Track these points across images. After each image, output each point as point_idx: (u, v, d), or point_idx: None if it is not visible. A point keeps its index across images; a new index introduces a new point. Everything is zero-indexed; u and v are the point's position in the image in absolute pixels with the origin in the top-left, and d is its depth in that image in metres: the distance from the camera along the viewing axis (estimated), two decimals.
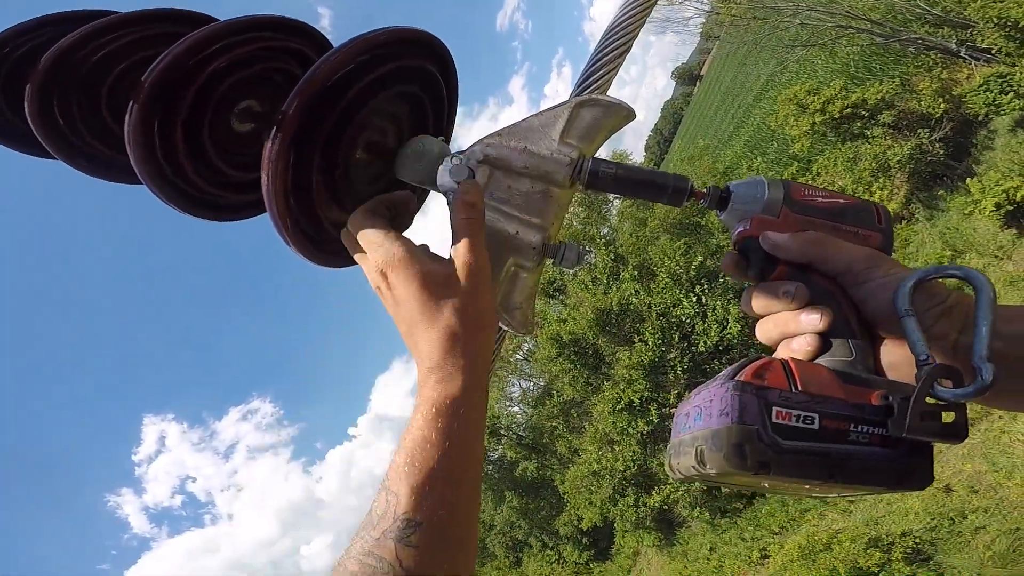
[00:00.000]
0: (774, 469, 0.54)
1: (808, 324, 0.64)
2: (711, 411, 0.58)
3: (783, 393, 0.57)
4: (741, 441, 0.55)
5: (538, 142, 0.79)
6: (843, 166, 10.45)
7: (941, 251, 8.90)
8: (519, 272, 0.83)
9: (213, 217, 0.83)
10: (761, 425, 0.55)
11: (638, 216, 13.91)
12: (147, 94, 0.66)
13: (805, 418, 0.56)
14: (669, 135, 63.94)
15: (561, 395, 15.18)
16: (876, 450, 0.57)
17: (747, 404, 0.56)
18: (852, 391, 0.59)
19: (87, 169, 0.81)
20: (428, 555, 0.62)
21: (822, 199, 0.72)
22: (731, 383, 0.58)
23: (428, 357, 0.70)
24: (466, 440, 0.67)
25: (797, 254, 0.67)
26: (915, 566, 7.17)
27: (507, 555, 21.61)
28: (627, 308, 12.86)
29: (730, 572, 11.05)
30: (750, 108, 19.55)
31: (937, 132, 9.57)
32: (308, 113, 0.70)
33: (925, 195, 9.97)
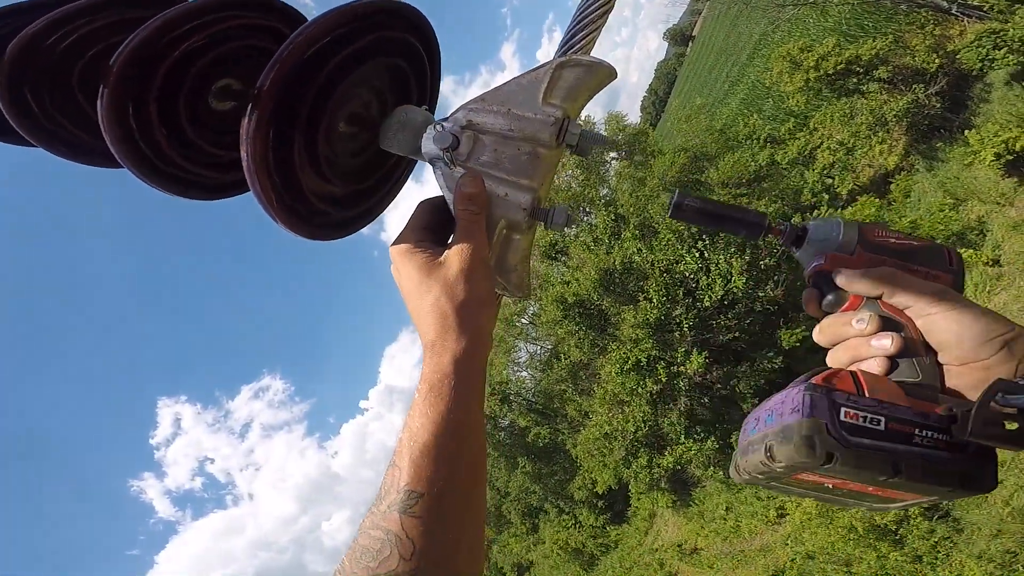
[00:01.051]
0: (841, 460, 0.57)
1: (879, 348, 0.68)
2: (783, 411, 0.62)
3: (851, 396, 0.61)
4: (811, 433, 0.58)
5: (521, 104, 0.79)
6: (840, 121, 10.46)
7: (943, 199, 8.88)
8: (512, 234, 0.83)
9: (203, 196, 0.84)
10: (830, 420, 0.59)
11: (636, 176, 13.82)
12: (116, 77, 0.66)
13: (872, 419, 0.60)
14: (664, 95, 63.39)
15: (568, 357, 15.27)
16: (941, 454, 0.60)
17: (817, 401, 0.60)
18: (918, 402, 0.62)
19: (68, 155, 0.80)
20: (430, 524, 0.64)
21: (895, 241, 0.75)
22: (803, 385, 0.62)
23: (425, 335, 0.75)
24: (460, 412, 0.70)
25: (869, 287, 0.71)
26: (934, 522, 7.23)
27: (523, 521, 21.91)
28: (630, 267, 12.89)
29: (747, 531, 11.17)
30: (744, 66, 19.41)
31: (933, 86, 9.66)
32: (285, 88, 0.69)
33: (924, 147, 10.00)
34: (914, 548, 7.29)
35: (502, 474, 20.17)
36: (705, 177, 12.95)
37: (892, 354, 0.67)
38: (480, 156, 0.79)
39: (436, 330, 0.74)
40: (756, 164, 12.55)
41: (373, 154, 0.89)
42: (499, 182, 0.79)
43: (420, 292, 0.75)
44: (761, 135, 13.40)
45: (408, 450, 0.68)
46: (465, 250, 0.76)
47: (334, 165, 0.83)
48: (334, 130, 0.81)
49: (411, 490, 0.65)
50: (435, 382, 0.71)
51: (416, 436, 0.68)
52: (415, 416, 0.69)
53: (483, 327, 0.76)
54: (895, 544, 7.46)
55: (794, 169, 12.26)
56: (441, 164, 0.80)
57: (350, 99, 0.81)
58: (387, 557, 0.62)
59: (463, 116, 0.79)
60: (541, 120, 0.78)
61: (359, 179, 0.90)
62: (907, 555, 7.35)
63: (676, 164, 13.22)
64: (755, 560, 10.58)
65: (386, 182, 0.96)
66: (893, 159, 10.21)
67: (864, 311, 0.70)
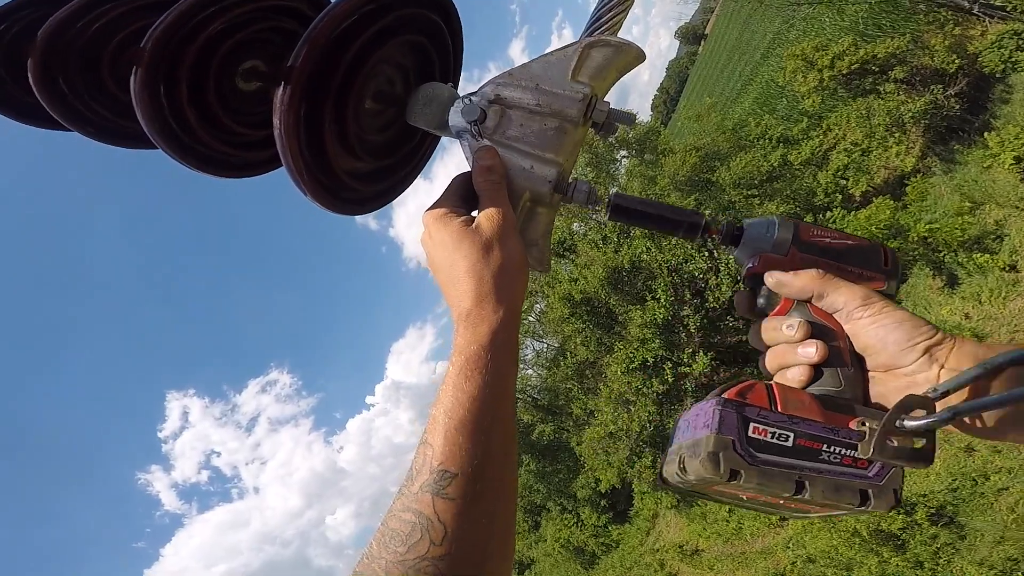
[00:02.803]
0: (744, 478, 0.59)
1: (803, 356, 0.69)
2: (696, 424, 0.63)
3: (762, 411, 0.62)
4: (717, 450, 0.59)
5: (550, 80, 0.79)
6: (856, 122, 10.39)
7: (960, 203, 8.82)
8: (535, 207, 0.84)
9: (231, 174, 0.85)
10: (737, 437, 0.60)
11: (647, 174, 13.79)
12: (149, 58, 0.67)
13: (781, 435, 0.61)
14: (675, 94, 63.32)
15: (575, 356, 15.24)
16: (847, 470, 0.61)
17: (726, 417, 0.61)
18: (831, 416, 0.63)
19: (99, 137, 0.82)
20: (465, 507, 0.61)
21: (830, 240, 0.75)
22: (715, 399, 0.63)
23: (458, 304, 0.72)
24: (496, 387, 0.67)
25: (798, 291, 0.72)
26: (938, 527, 7.19)
27: (525, 519, 21.92)
28: (638, 266, 12.85)
29: (749, 533, 11.15)
30: (757, 66, 19.30)
31: (952, 87, 9.50)
32: (316, 64, 0.71)
33: (941, 149, 9.89)
34: (916, 554, 7.22)
35: None
36: (716, 177, 12.92)
37: (816, 363, 0.68)
38: (507, 130, 0.80)
39: (472, 298, 0.70)
40: (768, 164, 12.47)
41: (398, 131, 0.91)
42: (524, 155, 0.80)
43: (455, 258, 0.73)
44: (774, 135, 13.34)
45: (442, 427, 0.64)
46: (496, 215, 0.75)
47: (361, 141, 0.84)
48: (361, 107, 0.82)
49: (445, 470, 0.62)
50: (471, 354, 0.68)
51: (451, 412, 0.65)
52: (449, 390, 0.66)
53: (518, 296, 0.74)
54: (897, 549, 7.40)
55: (807, 170, 12.22)
56: (468, 137, 0.81)
57: (376, 76, 0.82)
58: (417, 541, 0.60)
59: (491, 90, 0.80)
60: (570, 96, 0.79)
61: (384, 156, 0.91)
62: (908, 560, 7.28)
63: (687, 163, 13.15)
64: (756, 562, 10.55)
65: (410, 160, 0.97)
66: (910, 161, 10.13)
67: (794, 316, 0.72)
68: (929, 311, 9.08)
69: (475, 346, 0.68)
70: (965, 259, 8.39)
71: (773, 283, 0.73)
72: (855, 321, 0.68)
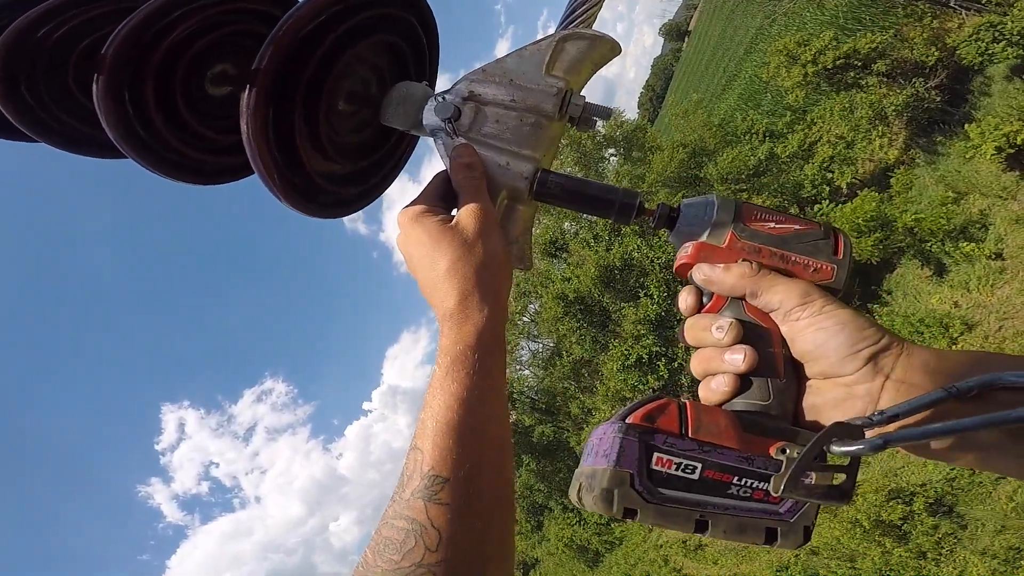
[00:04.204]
0: (641, 516, 0.55)
1: (729, 364, 0.63)
2: (598, 450, 0.58)
3: (670, 439, 0.57)
4: (612, 486, 0.55)
5: (524, 75, 0.78)
6: (839, 115, 10.46)
7: (944, 193, 8.88)
8: (514, 205, 0.82)
9: (204, 181, 0.83)
10: (636, 471, 0.55)
11: (635, 173, 13.83)
12: (110, 64, 0.66)
13: (687, 467, 0.56)
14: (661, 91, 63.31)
15: (570, 355, 15.27)
16: (754, 505, 0.57)
17: (627, 448, 0.56)
18: (749, 441, 0.58)
19: (67, 147, 0.80)
20: (459, 511, 0.60)
21: (775, 225, 0.68)
22: (618, 424, 0.57)
23: (441, 304, 0.69)
24: (485, 387, 0.65)
25: (728, 288, 0.66)
26: (938, 518, 7.19)
27: (528, 519, 21.88)
28: (630, 263, 12.88)
29: None
30: (741, 61, 19.39)
31: (932, 80, 9.66)
32: (282, 66, 0.69)
33: (924, 141, 9.99)
34: (918, 544, 7.24)
35: None
36: (704, 172, 12.94)
37: (743, 372, 0.62)
38: (482, 127, 0.79)
39: (455, 297, 0.68)
40: (756, 158, 12.48)
41: (374, 132, 0.89)
42: (500, 152, 0.78)
43: (434, 257, 0.70)
44: (760, 129, 13.38)
45: (431, 431, 0.63)
46: (477, 211, 0.72)
47: (335, 143, 0.83)
48: (334, 108, 0.81)
49: (436, 475, 0.60)
50: (457, 355, 0.65)
51: (439, 415, 0.63)
52: (436, 393, 0.64)
53: (502, 292, 0.71)
54: (899, 540, 7.42)
55: (794, 163, 12.26)
56: (443, 135, 0.80)
57: (348, 77, 0.81)
58: (411, 549, 0.58)
59: (464, 87, 0.79)
60: (544, 91, 0.78)
61: (360, 157, 0.90)
62: (911, 551, 7.30)
63: (675, 160, 13.19)
64: (759, 556, 10.55)
65: (387, 161, 0.96)
66: (893, 153, 10.23)
67: (726, 315, 0.65)
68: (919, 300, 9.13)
69: (460, 346, 0.66)
70: (952, 248, 8.45)
71: (701, 279, 0.67)
72: (792, 323, 0.62)
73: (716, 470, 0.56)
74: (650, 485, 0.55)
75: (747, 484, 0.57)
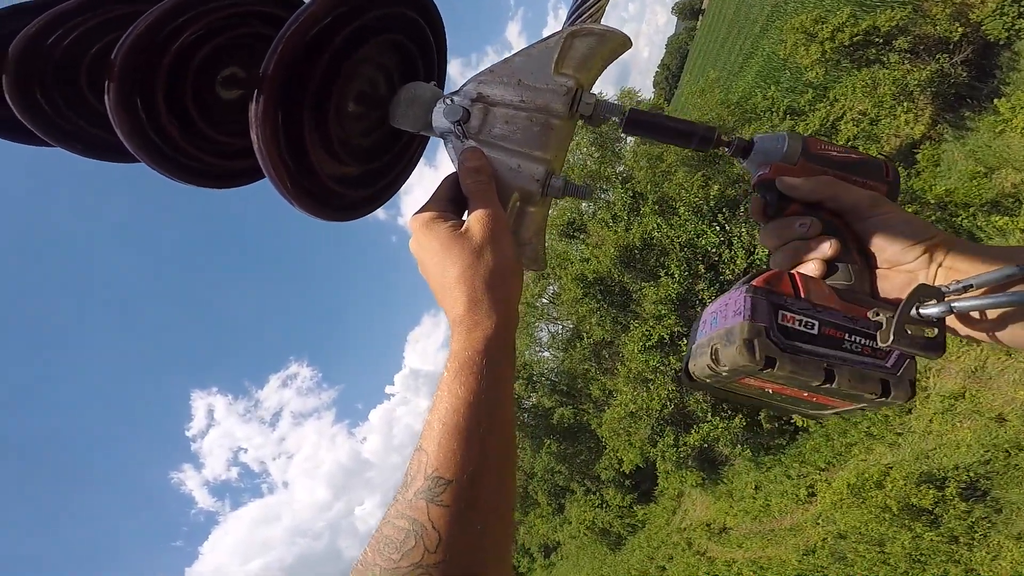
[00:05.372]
0: (779, 365, 0.60)
1: (818, 251, 0.71)
2: (726, 313, 0.65)
3: (789, 299, 0.64)
4: (752, 336, 0.61)
5: (532, 75, 0.77)
6: (862, 92, 10.29)
7: (974, 167, 8.73)
8: (525, 207, 0.82)
9: (219, 185, 0.84)
10: (770, 324, 0.62)
11: (653, 153, 13.70)
12: (119, 71, 0.65)
13: (807, 323, 0.63)
14: (677, 70, 62.81)
15: (590, 336, 15.24)
16: (867, 360, 0.63)
17: (758, 305, 0.63)
18: (849, 307, 0.66)
19: (84, 152, 0.80)
20: (459, 514, 0.61)
21: (836, 153, 0.77)
22: (745, 287, 0.65)
23: (452, 311, 0.71)
24: (492, 392, 0.66)
25: (808, 193, 0.74)
26: (971, 503, 7.07)
27: (549, 502, 21.97)
28: (650, 243, 12.81)
29: (777, 511, 11.09)
30: (758, 39, 19.07)
31: (958, 55, 9.46)
32: (289, 70, 0.69)
33: (951, 116, 9.82)
34: (950, 528, 7.13)
35: (528, 455, 20.12)
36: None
37: (830, 257, 0.70)
38: (492, 129, 0.78)
39: (465, 304, 0.69)
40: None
41: (384, 133, 0.89)
42: (511, 154, 0.78)
43: (445, 265, 0.72)
44: (780, 107, 13.19)
45: (436, 433, 0.64)
46: (486, 217, 0.73)
47: (346, 146, 0.82)
48: (343, 110, 0.80)
49: (439, 476, 0.61)
50: (465, 360, 0.67)
51: (445, 418, 0.64)
52: (443, 396, 0.66)
53: (512, 299, 0.73)
54: (930, 524, 7.32)
55: None
56: (452, 138, 0.79)
57: (356, 78, 0.80)
58: (411, 549, 0.59)
59: (473, 89, 0.78)
60: (553, 90, 0.77)
61: (372, 159, 0.89)
62: (943, 535, 7.19)
63: None
64: (785, 540, 10.49)
65: (399, 161, 0.95)
66: (919, 128, 10.05)
67: (806, 217, 0.73)
68: None
69: (469, 352, 0.68)
70: (984, 222, 8.30)
71: (785, 187, 0.75)
72: (865, 220, 0.72)
73: (831, 327, 0.64)
74: (781, 337, 0.62)
75: (856, 341, 0.64)
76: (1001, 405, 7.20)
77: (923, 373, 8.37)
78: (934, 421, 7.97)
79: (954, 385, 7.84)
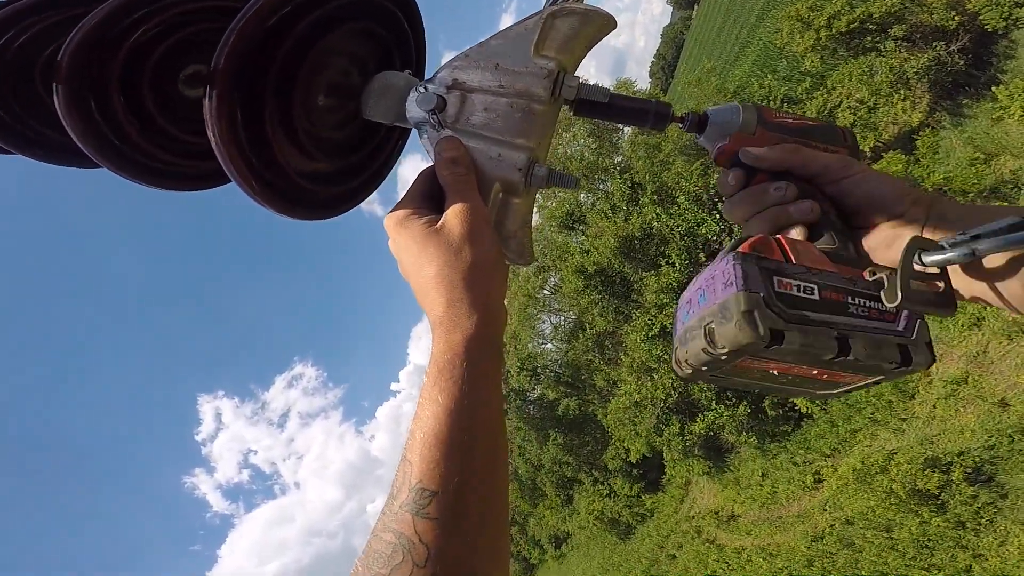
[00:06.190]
0: (787, 339, 0.53)
1: (799, 215, 0.68)
2: (715, 287, 0.57)
3: (781, 264, 0.58)
4: (751, 307, 0.53)
5: (510, 58, 0.73)
6: (858, 79, 10.26)
7: (973, 154, 8.70)
8: (509, 198, 0.77)
9: (186, 187, 0.80)
10: (767, 293, 0.54)
11: (650, 143, 13.65)
12: (67, 71, 0.62)
13: (806, 288, 0.56)
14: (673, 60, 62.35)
15: (593, 327, 15.24)
16: (878, 324, 0.57)
17: (750, 272, 0.55)
18: (844, 267, 0.60)
19: (44, 158, 0.77)
20: (447, 526, 0.58)
21: (792, 120, 0.76)
22: (731, 255, 0.57)
23: (431, 312, 0.67)
24: (475, 396, 0.63)
25: (776, 162, 0.72)
26: (977, 487, 7.03)
27: (558, 493, 22.00)
28: (650, 233, 12.79)
29: (784, 498, 11.09)
30: (754, 28, 19.02)
31: (955, 44, 9.44)
32: (243, 62, 0.65)
33: (949, 104, 9.81)
34: (957, 514, 7.09)
35: (534, 447, 20.18)
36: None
37: (813, 220, 0.67)
38: (470, 117, 0.74)
39: (443, 304, 0.66)
40: None
41: (360, 127, 0.84)
42: (491, 142, 0.74)
43: (420, 263, 0.68)
44: (777, 95, 13.13)
45: (418, 443, 0.61)
46: (464, 211, 0.69)
47: (317, 140, 0.78)
48: (312, 103, 0.76)
49: (423, 488, 0.58)
50: (445, 364, 0.63)
51: (427, 426, 0.61)
52: (425, 403, 0.62)
53: (495, 296, 0.69)
54: (937, 510, 7.30)
55: None
56: (427, 128, 0.75)
57: (324, 69, 0.76)
58: (399, 564, 0.56)
59: (448, 75, 0.74)
60: (532, 74, 0.72)
61: (347, 153, 0.85)
62: (949, 521, 7.16)
63: None
64: (793, 527, 10.48)
65: (378, 155, 0.91)
66: (917, 116, 10.01)
67: (780, 182, 0.70)
68: None
69: (448, 355, 0.64)
70: None
71: (750, 157, 0.73)
72: (839, 183, 0.70)
73: (832, 291, 0.57)
74: (782, 306, 0.54)
75: (861, 303, 0.58)
76: (1004, 390, 7.16)
77: None
78: (937, 406, 7.95)
79: (956, 370, 7.81)
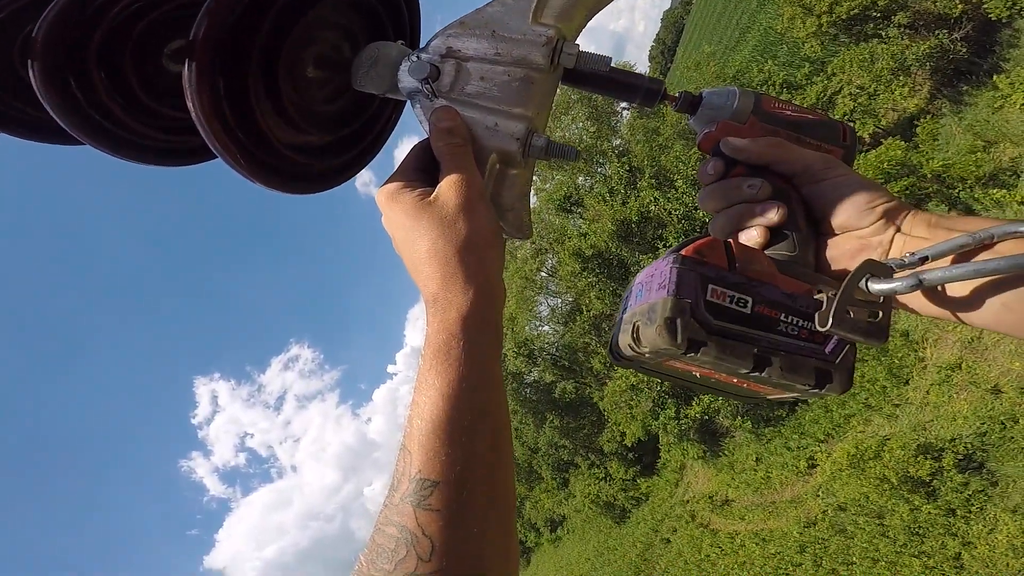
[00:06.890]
0: (705, 349, 0.54)
1: (763, 217, 0.66)
2: (651, 285, 0.58)
3: (721, 272, 0.58)
4: (675, 315, 0.54)
5: (508, 26, 0.70)
6: (859, 66, 10.21)
7: (972, 141, 8.68)
8: (506, 169, 0.75)
9: (176, 162, 0.79)
10: (696, 301, 0.55)
11: (649, 126, 13.61)
12: (42, 47, 0.61)
13: (739, 300, 0.57)
14: (672, 44, 61.87)
15: (590, 310, 15.23)
16: (804, 345, 0.58)
17: (684, 277, 0.56)
18: (790, 281, 0.60)
19: (28, 136, 0.76)
20: (452, 517, 0.55)
21: (791, 112, 0.73)
22: (672, 256, 0.58)
23: (425, 289, 0.64)
24: (474, 378, 0.60)
25: (755, 156, 0.69)
26: (967, 474, 7.04)
27: (554, 476, 22.10)
28: (647, 216, 12.77)
29: (778, 483, 11.14)
30: (755, 13, 18.88)
31: (957, 31, 9.37)
32: (223, 34, 0.63)
33: (949, 91, 9.77)
34: (947, 501, 7.10)
35: (531, 430, 20.19)
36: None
37: (775, 224, 0.66)
38: (465, 86, 0.71)
39: (437, 281, 0.63)
40: None
41: (352, 99, 0.82)
42: (488, 112, 0.71)
43: (413, 238, 0.65)
44: (777, 81, 13.07)
45: (417, 431, 0.58)
46: (458, 182, 0.66)
47: (307, 113, 0.76)
48: (300, 75, 0.74)
49: (424, 478, 0.56)
50: (440, 345, 0.60)
51: (424, 412, 0.58)
52: (421, 388, 0.59)
53: (492, 270, 0.65)
54: (928, 496, 7.32)
55: None
56: (421, 99, 0.72)
57: (312, 41, 0.74)
58: (403, 558, 0.54)
59: (442, 43, 0.71)
60: (530, 40, 0.69)
61: (340, 126, 0.83)
62: (940, 508, 7.16)
63: None
64: (786, 512, 10.51)
65: (372, 127, 0.88)
66: (917, 103, 9.98)
67: (755, 178, 0.69)
68: None
69: (444, 335, 0.60)
70: (981, 195, 8.28)
71: (730, 148, 0.70)
72: (818, 184, 0.67)
73: (766, 305, 0.58)
74: (708, 317, 0.55)
75: (794, 322, 0.58)
76: (997, 376, 7.16)
77: (920, 343, 8.39)
78: (931, 392, 7.96)
79: (951, 356, 7.83)
